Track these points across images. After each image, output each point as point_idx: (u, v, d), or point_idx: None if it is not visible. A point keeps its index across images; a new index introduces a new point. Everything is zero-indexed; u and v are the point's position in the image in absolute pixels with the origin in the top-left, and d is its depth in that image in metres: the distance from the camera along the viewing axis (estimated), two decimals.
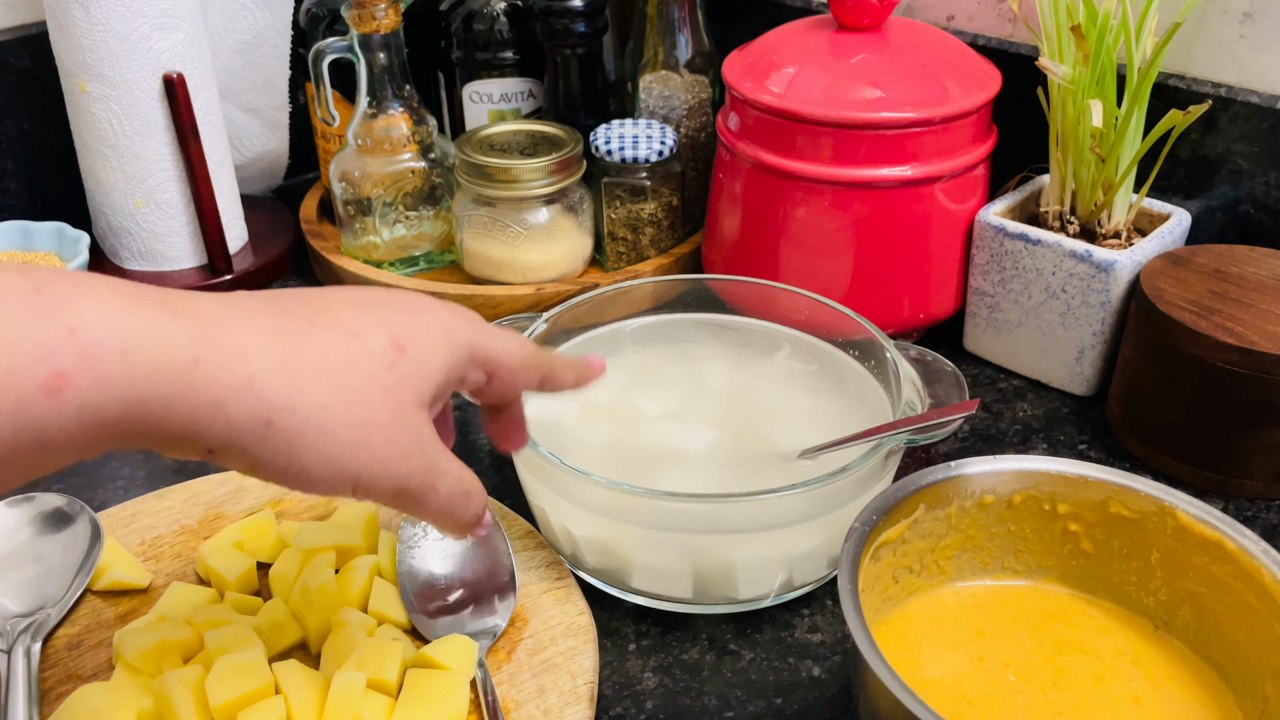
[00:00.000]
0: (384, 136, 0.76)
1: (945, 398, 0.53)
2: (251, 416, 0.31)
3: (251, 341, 0.32)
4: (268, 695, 0.44)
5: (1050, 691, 0.42)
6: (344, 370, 0.33)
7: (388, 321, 0.36)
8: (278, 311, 0.34)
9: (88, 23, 0.71)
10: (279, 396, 0.32)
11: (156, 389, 0.30)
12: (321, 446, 0.33)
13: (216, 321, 0.31)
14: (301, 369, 0.32)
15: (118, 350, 0.29)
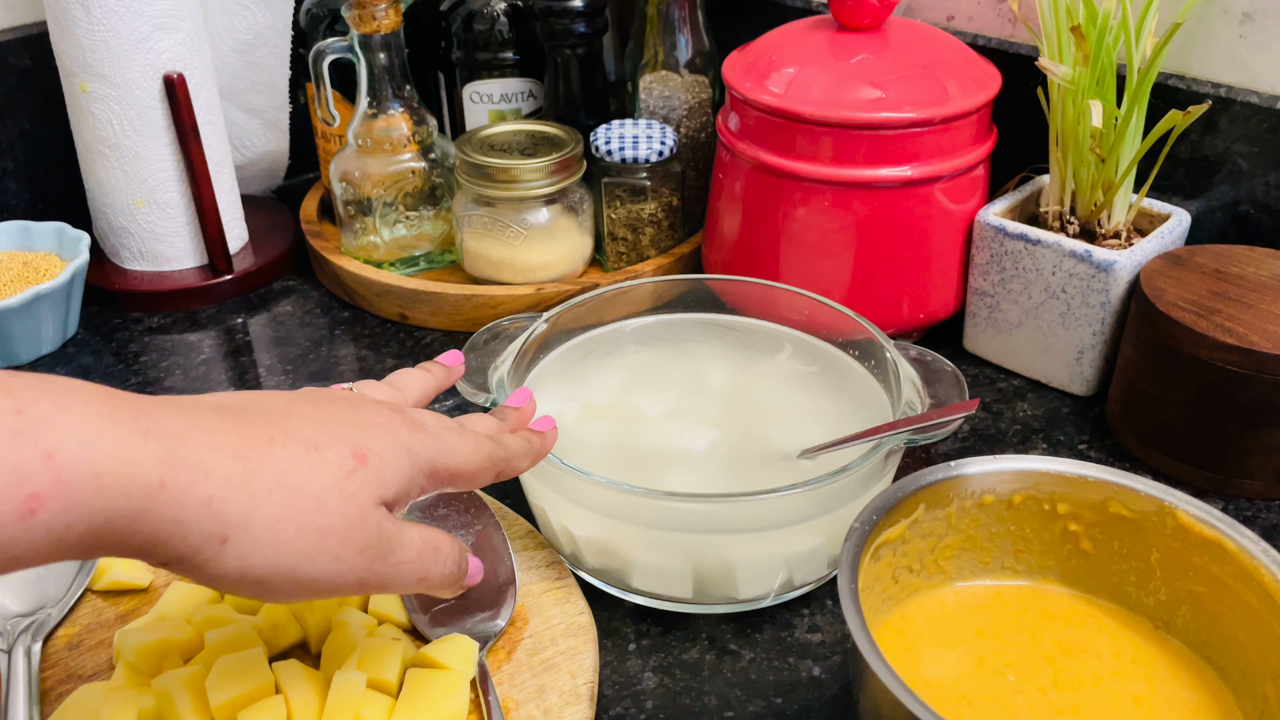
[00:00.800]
0: (384, 137, 0.76)
1: (945, 398, 0.53)
2: (208, 534, 0.33)
3: (214, 462, 0.33)
4: (268, 695, 0.44)
5: (1050, 691, 0.42)
6: (301, 483, 0.35)
7: (348, 436, 0.37)
8: (243, 430, 0.35)
9: (88, 23, 0.71)
10: (235, 514, 0.33)
11: (122, 509, 0.31)
12: (275, 558, 0.34)
13: (184, 444, 0.33)
14: (259, 486, 0.34)
15: (90, 473, 0.30)
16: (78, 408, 0.31)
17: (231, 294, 0.80)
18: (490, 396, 0.53)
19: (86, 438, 0.30)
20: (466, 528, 0.53)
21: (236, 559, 0.34)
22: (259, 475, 0.34)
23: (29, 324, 0.71)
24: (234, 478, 0.33)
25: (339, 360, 0.73)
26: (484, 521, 0.53)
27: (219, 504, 0.33)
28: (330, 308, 0.79)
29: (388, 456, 0.38)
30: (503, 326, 0.59)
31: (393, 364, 0.72)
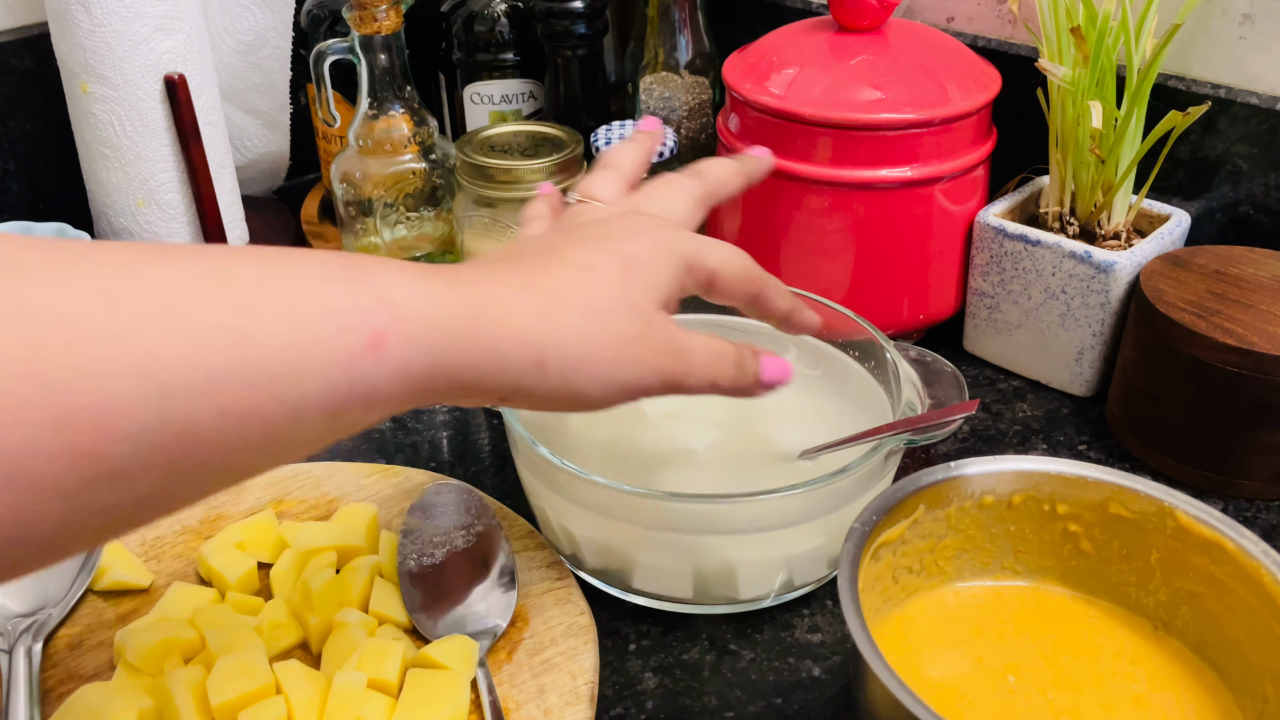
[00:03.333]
0: (385, 137, 0.76)
1: (945, 398, 0.53)
2: (526, 360, 0.36)
3: (512, 296, 0.37)
4: (268, 695, 0.45)
5: (1050, 692, 0.42)
6: (588, 300, 0.38)
7: (610, 249, 0.40)
8: (525, 267, 0.39)
9: (89, 24, 0.71)
10: (544, 338, 0.37)
11: (450, 346, 0.34)
12: (590, 370, 0.38)
13: (482, 287, 0.36)
14: (554, 310, 0.37)
15: (418, 315, 0.33)
16: (392, 266, 0.34)
17: None
18: None
19: (407, 285, 0.34)
20: (467, 528, 0.53)
21: (558, 377, 0.37)
22: (551, 300, 0.37)
23: None
24: (531, 306, 0.37)
25: None
26: (484, 521, 0.53)
27: (528, 332, 0.36)
28: None
29: (649, 261, 0.41)
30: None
31: None
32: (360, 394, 0.32)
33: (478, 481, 0.60)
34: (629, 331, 0.39)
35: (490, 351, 0.35)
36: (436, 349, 0.34)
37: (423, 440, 0.65)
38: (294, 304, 0.31)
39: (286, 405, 0.30)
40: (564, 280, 0.38)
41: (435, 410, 0.67)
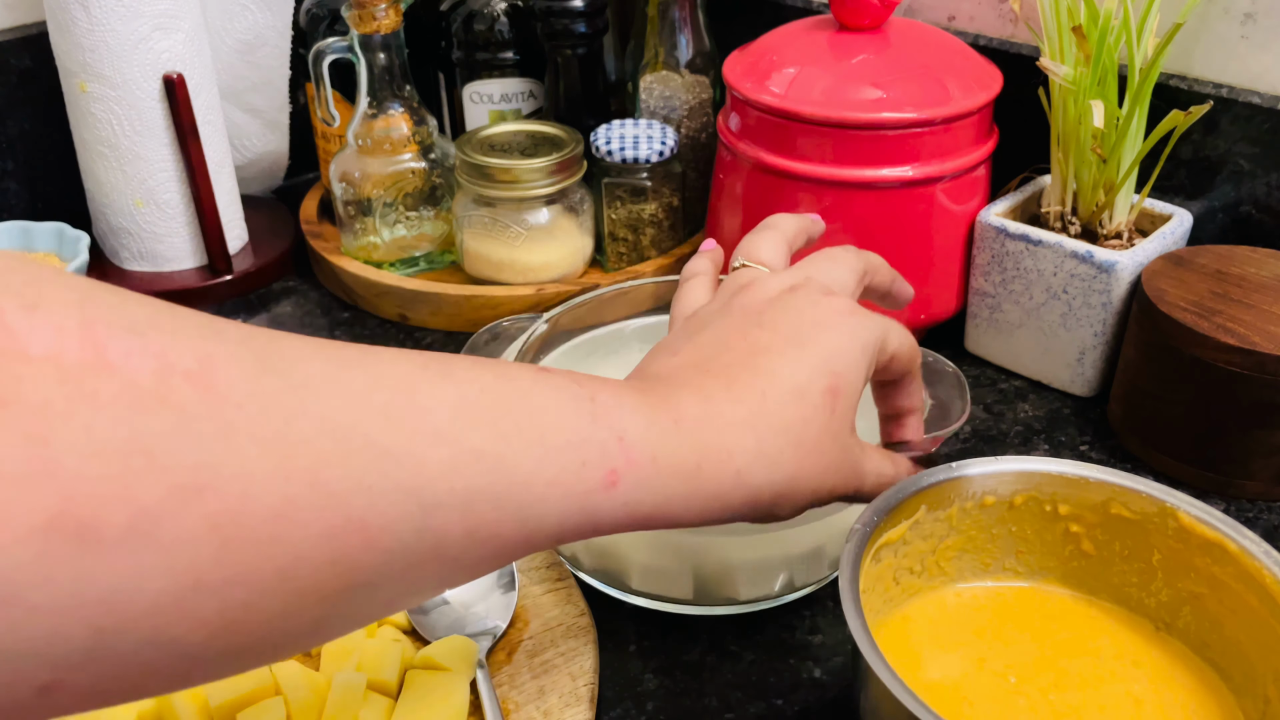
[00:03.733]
0: (384, 137, 0.76)
1: (946, 398, 0.53)
2: (742, 500, 0.38)
3: (736, 440, 0.37)
4: (268, 696, 0.44)
5: (1051, 693, 0.42)
6: (801, 435, 0.39)
7: (817, 364, 0.40)
8: (739, 394, 0.39)
9: (88, 23, 0.71)
10: (763, 480, 0.38)
11: (675, 492, 0.36)
12: (791, 500, 0.39)
13: (707, 427, 0.37)
14: (772, 449, 0.38)
15: (649, 457, 0.35)
16: (626, 397, 0.35)
17: (231, 294, 0.80)
18: None
19: (642, 426, 0.35)
20: None
21: (766, 510, 0.39)
22: (769, 438, 0.38)
23: None
24: (752, 448, 0.37)
25: None
26: None
27: (747, 475, 0.37)
28: (330, 308, 0.79)
29: (851, 372, 0.41)
30: (503, 327, 0.58)
31: None
32: (588, 525, 0.34)
33: None
34: (830, 462, 0.40)
35: (712, 496, 0.37)
36: (663, 492, 0.35)
37: None
38: (545, 435, 0.32)
39: (526, 529, 0.32)
40: (782, 414, 0.39)
41: None
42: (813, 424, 0.39)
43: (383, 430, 0.28)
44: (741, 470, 0.37)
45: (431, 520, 0.29)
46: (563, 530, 0.33)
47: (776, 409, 0.39)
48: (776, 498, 0.39)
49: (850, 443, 0.41)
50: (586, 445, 0.33)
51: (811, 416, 0.39)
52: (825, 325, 0.41)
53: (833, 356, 0.40)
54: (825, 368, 0.40)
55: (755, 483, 0.38)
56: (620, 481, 0.34)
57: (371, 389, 0.29)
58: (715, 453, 0.37)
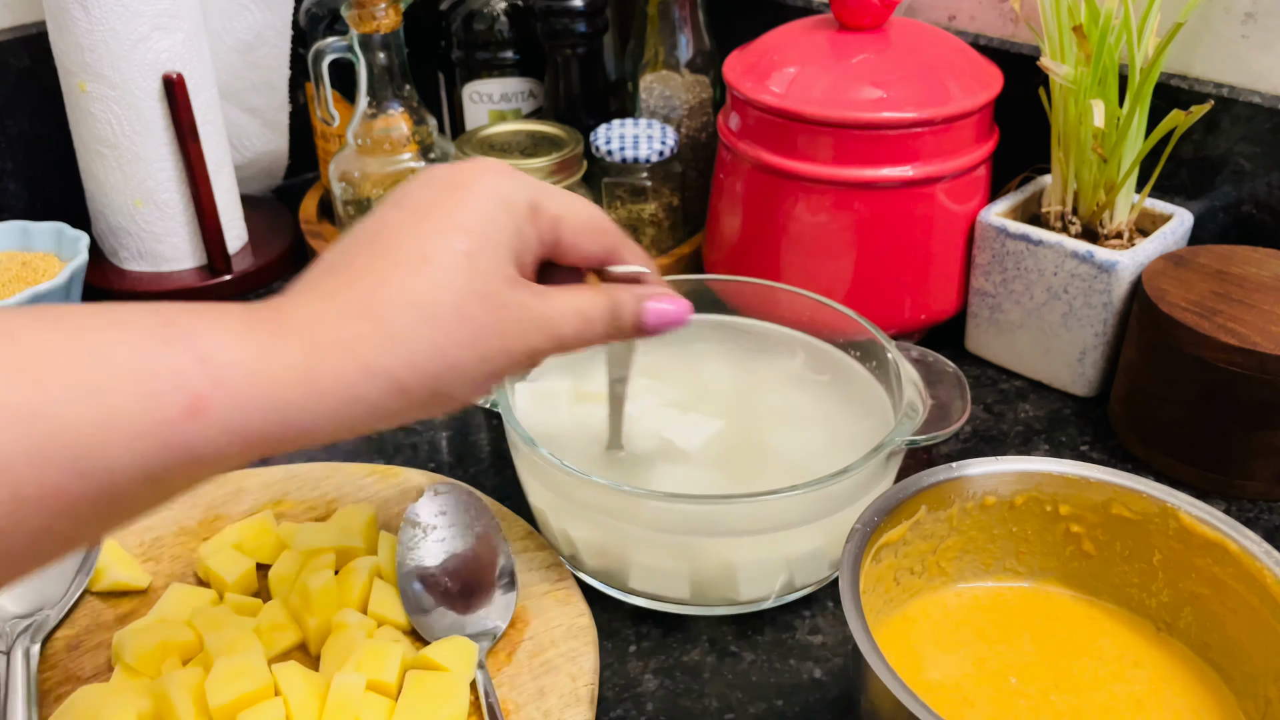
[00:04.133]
0: (384, 136, 0.76)
1: (947, 399, 0.53)
2: (384, 390, 0.35)
3: (350, 331, 0.34)
4: (267, 697, 0.44)
5: (1052, 693, 0.42)
6: (433, 305, 0.36)
7: (445, 227, 0.37)
8: (354, 278, 0.36)
9: (87, 23, 0.70)
10: (397, 363, 0.35)
11: (288, 400, 0.33)
12: (454, 377, 0.36)
13: (315, 329, 0.34)
14: (399, 331, 0.35)
15: (245, 372, 0.32)
16: (215, 318, 0.33)
17: (231, 294, 0.79)
18: (490, 398, 0.53)
19: (233, 343, 0.32)
20: (466, 529, 0.53)
21: (423, 393, 0.35)
22: (393, 318, 0.35)
23: None
24: (373, 335, 0.35)
25: None
26: (484, 522, 0.53)
27: (377, 363, 0.34)
28: None
29: (486, 223, 0.38)
30: None
31: None
32: (183, 459, 0.31)
33: (477, 482, 0.60)
34: (487, 322, 0.37)
35: (339, 395, 0.34)
36: (274, 407, 0.32)
37: (422, 441, 0.65)
38: (90, 373, 0.29)
39: (94, 481, 0.29)
40: (403, 289, 0.35)
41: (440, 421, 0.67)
42: (446, 289, 0.36)
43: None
44: (369, 361, 0.34)
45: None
46: (149, 471, 0.30)
47: (398, 285, 0.35)
48: (431, 380, 0.35)
49: (511, 299, 0.37)
50: (154, 377, 0.30)
51: (444, 281, 0.36)
52: (458, 186, 0.38)
53: (464, 216, 0.37)
54: (455, 229, 0.37)
55: (390, 369, 0.34)
56: (208, 406, 0.31)
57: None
58: (330, 349, 0.34)
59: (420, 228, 0.37)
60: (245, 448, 0.32)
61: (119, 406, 0.30)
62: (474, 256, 0.37)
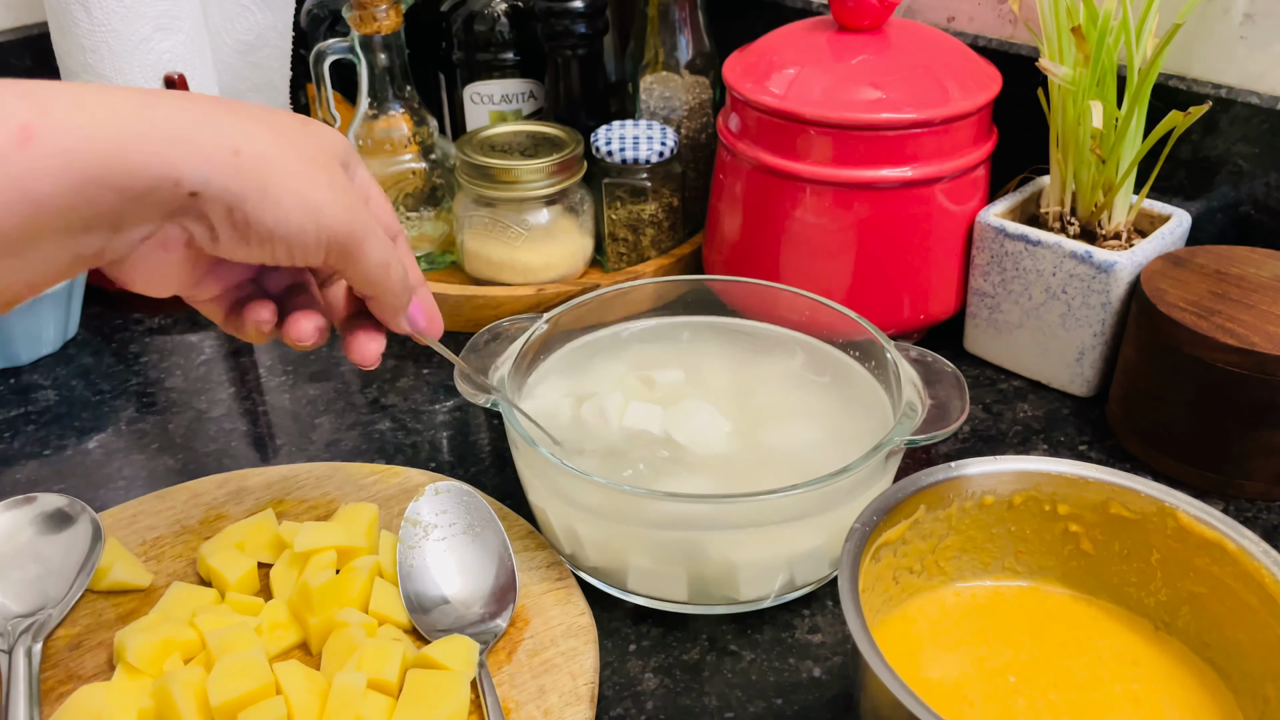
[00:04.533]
0: (385, 137, 0.76)
1: (946, 399, 0.53)
2: (219, 146, 0.35)
3: (196, 106, 0.35)
4: (268, 695, 0.45)
5: (1051, 692, 0.42)
6: (273, 120, 0.38)
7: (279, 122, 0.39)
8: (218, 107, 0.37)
9: (89, 24, 0.71)
10: (236, 129, 0.36)
11: (122, 129, 0.33)
12: (285, 179, 0.37)
13: (153, 94, 0.35)
14: (243, 117, 0.36)
15: (74, 103, 0.32)
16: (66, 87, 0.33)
17: None
18: (491, 398, 0.53)
19: (62, 87, 0.33)
20: (467, 528, 0.53)
21: (255, 174, 0.36)
22: (235, 112, 0.36)
23: (30, 324, 0.71)
24: (220, 111, 0.36)
25: (339, 360, 0.73)
26: (484, 522, 0.53)
27: (215, 121, 0.35)
28: None
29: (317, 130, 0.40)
30: (503, 327, 0.59)
31: (393, 364, 0.72)
32: (16, 192, 0.31)
33: (478, 481, 0.60)
34: (323, 165, 0.38)
35: (174, 135, 0.34)
36: (103, 133, 0.33)
37: (423, 440, 0.65)
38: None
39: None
40: (248, 111, 0.37)
41: (435, 410, 0.67)
42: (285, 119, 0.39)
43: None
44: (206, 114, 0.35)
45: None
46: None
47: (242, 108, 0.37)
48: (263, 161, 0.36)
49: (347, 180, 0.40)
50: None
51: (284, 116, 0.39)
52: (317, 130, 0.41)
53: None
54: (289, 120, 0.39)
55: (229, 130, 0.35)
56: (35, 136, 0.31)
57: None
58: (167, 99, 0.35)
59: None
60: (75, 189, 0.32)
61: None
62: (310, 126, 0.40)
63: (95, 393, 0.70)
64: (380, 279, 0.42)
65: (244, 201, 0.36)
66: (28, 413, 0.68)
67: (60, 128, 0.32)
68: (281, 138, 0.37)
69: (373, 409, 0.68)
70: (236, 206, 0.36)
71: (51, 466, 0.63)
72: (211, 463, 0.63)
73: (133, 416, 0.68)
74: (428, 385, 0.70)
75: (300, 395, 0.69)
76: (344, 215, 0.39)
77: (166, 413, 0.68)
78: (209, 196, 0.35)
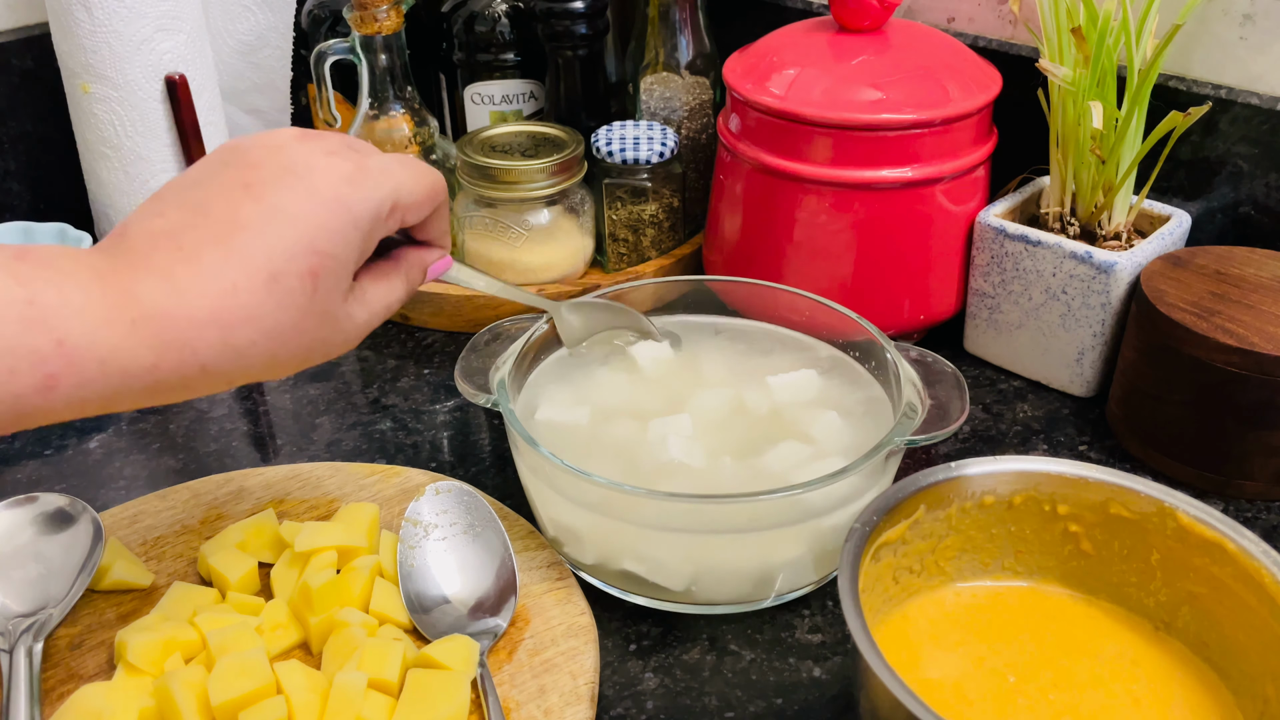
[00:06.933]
0: (386, 138, 0.76)
1: (946, 399, 0.53)
2: (214, 386, 0.39)
3: (197, 336, 0.37)
4: (269, 695, 0.45)
5: (1050, 692, 0.42)
6: (275, 322, 0.39)
7: (299, 245, 0.39)
8: (209, 273, 0.38)
9: (90, 24, 0.71)
10: (230, 367, 0.39)
11: (129, 386, 0.37)
12: (273, 375, 0.40)
13: (168, 325, 0.37)
14: (241, 341, 0.38)
15: (96, 360, 0.35)
16: (75, 294, 0.35)
17: None
18: (491, 398, 0.53)
19: (91, 328, 0.35)
20: (467, 528, 0.53)
21: (252, 381, 0.40)
22: (237, 333, 0.38)
23: None
24: (216, 345, 0.38)
25: (340, 361, 0.73)
26: (484, 521, 0.53)
27: (213, 367, 0.38)
28: None
29: (336, 247, 0.40)
30: (504, 327, 0.59)
31: (394, 365, 0.72)
32: (24, 421, 0.35)
33: (478, 481, 0.60)
34: (314, 339, 0.40)
35: (175, 388, 0.38)
36: (115, 388, 0.36)
37: (423, 440, 0.65)
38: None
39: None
40: (251, 305, 0.38)
41: (436, 410, 0.67)
42: (289, 309, 0.39)
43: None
44: (207, 365, 0.38)
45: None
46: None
47: (247, 300, 0.38)
48: (253, 378, 0.40)
49: (342, 313, 0.42)
50: (14, 354, 0.34)
51: (287, 303, 0.39)
52: (318, 196, 0.40)
53: (318, 235, 0.39)
54: (308, 248, 0.39)
55: (224, 371, 0.38)
56: (60, 384, 0.35)
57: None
58: (176, 351, 0.37)
59: (276, 236, 0.39)
60: (80, 414, 0.36)
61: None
62: (320, 278, 0.40)
63: None
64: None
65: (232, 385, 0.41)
66: None
67: (80, 385, 0.35)
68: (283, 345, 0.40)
69: (373, 409, 0.68)
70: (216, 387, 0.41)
71: (52, 466, 0.63)
72: (212, 462, 0.63)
73: (133, 416, 0.68)
74: (428, 385, 0.70)
75: (301, 395, 0.69)
76: (340, 345, 0.43)
77: (167, 412, 0.68)
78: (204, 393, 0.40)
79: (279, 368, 0.40)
